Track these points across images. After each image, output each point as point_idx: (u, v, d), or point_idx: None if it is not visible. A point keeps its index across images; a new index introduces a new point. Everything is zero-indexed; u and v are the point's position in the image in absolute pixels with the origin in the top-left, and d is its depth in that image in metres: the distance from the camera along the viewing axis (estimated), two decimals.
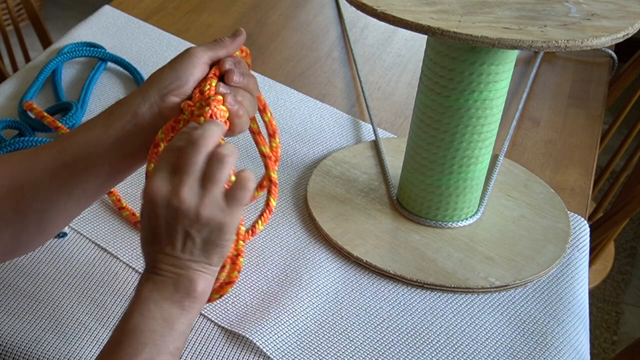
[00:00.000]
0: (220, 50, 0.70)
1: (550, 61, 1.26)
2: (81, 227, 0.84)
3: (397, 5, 0.72)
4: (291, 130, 1.02)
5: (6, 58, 2.21)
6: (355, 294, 0.80)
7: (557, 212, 0.91)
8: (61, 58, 1.08)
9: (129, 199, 0.86)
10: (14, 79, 1.06)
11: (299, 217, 0.89)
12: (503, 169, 0.97)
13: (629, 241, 2.13)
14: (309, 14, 1.34)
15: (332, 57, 1.21)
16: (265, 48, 1.21)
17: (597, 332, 1.86)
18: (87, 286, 0.77)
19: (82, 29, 1.19)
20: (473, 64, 0.76)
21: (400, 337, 0.76)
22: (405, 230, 0.87)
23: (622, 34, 0.70)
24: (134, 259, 0.81)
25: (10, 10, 1.50)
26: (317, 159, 0.98)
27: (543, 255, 0.85)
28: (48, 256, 0.80)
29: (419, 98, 0.83)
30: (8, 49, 1.54)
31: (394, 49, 1.25)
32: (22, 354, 0.70)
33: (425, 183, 0.85)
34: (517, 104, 1.12)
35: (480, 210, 0.89)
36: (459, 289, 0.81)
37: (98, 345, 0.72)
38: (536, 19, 0.71)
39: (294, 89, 1.11)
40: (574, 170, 1.01)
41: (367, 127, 1.04)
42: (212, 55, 0.69)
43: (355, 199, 0.90)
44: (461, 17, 0.71)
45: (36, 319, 0.74)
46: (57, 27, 2.68)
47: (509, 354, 0.75)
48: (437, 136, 0.82)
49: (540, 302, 0.81)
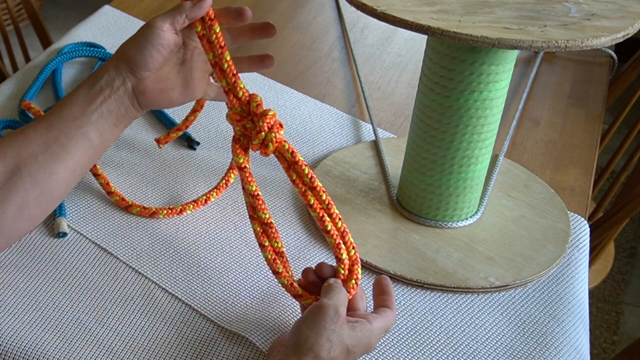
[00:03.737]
0: (179, 15, 0.71)
1: (550, 61, 1.26)
2: (81, 227, 0.84)
3: (397, 5, 0.72)
4: (291, 130, 1.02)
5: (6, 58, 2.21)
6: None
7: (557, 212, 0.91)
8: (61, 58, 1.08)
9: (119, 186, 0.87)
10: (14, 79, 1.06)
11: (299, 217, 0.88)
12: (503, 169, 0.97)
13: (629, 241, 2.13)
14: (309, 14, 1.34)
15: (332, 57, 1.21)
16: (265, 48, 1.21)
17: (597, 332, 1.86)
18: (87, 286, 0.77)
19: (82, 29, 1.19)
20: (473, 64, 0.76)
21: (400, 337, 0.76)
22: (405, 230, 0.87)
23: (622, 34, 0.70)
24: (134, 259, 0.81)
25: (10, 10, 1.50)
26: (317, 159, 0.98)
27: (543, 255, 0.85)
28: (48, 256, 0.80)
29: (419, 98, 0.83)
30: (8, 49, 1.54)
31: (394, 49, 1.25)
32: (22, 354, 0.70)
33: (425, 183, 0.85)
34: (517, 104, 1.12)
35: (480, 210, 0.89)
36: (459, 289, 0.81)
37: (98, 345, 0.72)
38: (536, 19, 0.71)
39: (294, 89, 1.11)
40: (574, 170, 1.01)
41: (367, 127, 1.04)
42: (172, 21, 0.71)
43: (355, 199, 0.90)
44: (461, 17, 0.71)
45: (36, 319, 0.74)
46: (57, 27, 2.68)
47: (509, 354, 0.75)
48: (437, 136, 0.82)
49: (540, 302, 0.81)
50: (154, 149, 0.96)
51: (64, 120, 0.70)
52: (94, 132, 0.71)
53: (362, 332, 0.65)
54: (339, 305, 0.65)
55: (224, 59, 0.72)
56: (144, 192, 0.89)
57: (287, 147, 0.70)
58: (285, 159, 0.70)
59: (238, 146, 0.72)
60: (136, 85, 0.72)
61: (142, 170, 0.92)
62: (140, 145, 0.96)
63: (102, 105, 0.71)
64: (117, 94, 0.71)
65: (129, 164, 0.93)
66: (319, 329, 0.63)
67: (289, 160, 0.70)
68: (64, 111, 0.70)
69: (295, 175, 0.70)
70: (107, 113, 0.71)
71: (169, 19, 0.71)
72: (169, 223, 0.85)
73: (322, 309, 0.64)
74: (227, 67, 0.72)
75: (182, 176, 0.92)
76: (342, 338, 0.63)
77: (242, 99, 0.72)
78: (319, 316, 0.64)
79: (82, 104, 0.71)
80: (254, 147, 0.71)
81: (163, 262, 0.81)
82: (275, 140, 0.70)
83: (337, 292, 0.67)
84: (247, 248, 0.83)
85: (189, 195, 0.89)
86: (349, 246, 0.71)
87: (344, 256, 0.71)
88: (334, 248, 0.70)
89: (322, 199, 0.70)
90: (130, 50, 0.71)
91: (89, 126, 0.70)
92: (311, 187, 0.70)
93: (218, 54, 0.72)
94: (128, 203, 0.86)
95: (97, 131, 0.71)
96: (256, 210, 0.71)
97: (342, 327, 0.64)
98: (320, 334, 0.63)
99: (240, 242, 0.84)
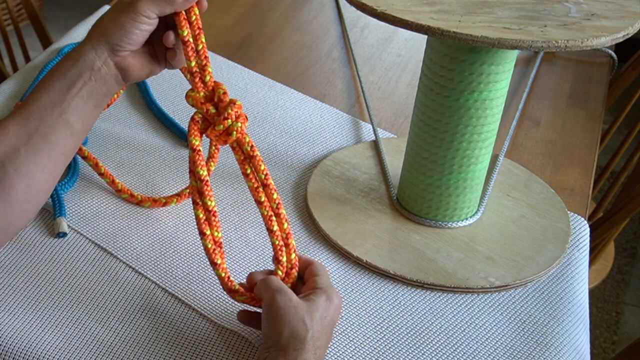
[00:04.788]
0: (168, 7, 0.69)
1: (550, 61, 1.26)
2: (81, 227, 0.84)
3: (397, 5, 0.72)
4: (291, 130, 1.02)
5: (6, 58, 2.21)
6: (355, 294, 0.80)
7: (557, 212, 0.91)
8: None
9: None
10: (14, 79, 1.06)
11: (299, 217, 0.88)
12: (503, 169, 0.97)
13: (629, 241, 2.13)
14: (309, 14, 1.34)
15: (332, 57, 1.21)
16: (265, 48, 1.21)
17: (597, 332, 1.86)
18: (87, 286, 0.77)
19: (82, 29, 1.19)
20: (473, 64, 0.76)
21: (400, 337, 0.76)
22: (405, 230, 0.87)
23: (622, 34, 0.70)
24: (134, 259, 0.81)
25: (10, 10, 1.50)
26: (317, 159, 0.98)
27: (543, 255, 0.85)
28: (48, 256, 0.80)
29: (419, 98, 0.83)
30: (8, 49, 1.54)
31: (394, 49, 1.25)
32: (22, 354, 0.70)
33: (425, 183, 0.85)
34: (517, 104, 1.12)
35: (480, 210, 0.89)
36: (459, 289, 0.81)
37: (98, 345, 0.72)
38: (536, 19, 0.71)
39: (294, 89, 1.11)
40: (574, 170, 1.01)
41: (367, 127, 1.04)
42: (160, 11, 0.69)
43: (355, 199, 0.90)
44: (461, 17, 0.71)
45: (36, 319, 0.74)
46: (57, 27, 2.68)
47: (509, 354, 0.75)
48: (437, 136, 0.82)
49: (540, 302, 0.81)
50: (154, 149, 0.96)
51: (43, 109, 0.68)
52: (75, 118, 0.69)
53: (317, 297, 0.67)
54: (281, 288, 0.67)
55: (200, 40, 0.71)
56: (144, 192, 0.89)
57: (248, 140, 0.70)
58: (243, 152, 0.70)
59: (196, 128, 0.71)
60: (118, 63, 0.70)
61: (142, 170, 0.92)
62: (141, 145, 0.96)
63: (82, 89, 0.69)
64: (99, 75, 0.70)
65: (129, 164, 0.93)
66: (284, 318, 0.64)
67: (246, 154, 0.70)
68: (41, 99, 0.68)
69: (250, 169, 0.70)
70: (88, 95, 0.69)
71: (157, 8, 0.69)
72: (169, 223, 0.85)
73: (272, 301, 0.66)
74: (202, 47, 0.71)
75: (182, 176, 0.92)
76: (308, 310, 0.65)
77: (208, 84, 0.71)
78: (274, 307, 0.65)
79: (60, 90, 0.68)
80: (214, 132, 0.70)
81: (163, 262, 0.81)
82: (239, 131, 0.69)
83: (271, 281, 0.68)
84: (247, 248, 0.83)
85: None
86: (291, 249, 0.71)
87: (284, 259, 0.71)
88: (275, 249, 0.71)
89: (272, 197, 0.70)
90: (114, 32, 0.69)
91: (70, 112, 0.68)
92: (264, 184, 0.70)
93: (195, 34, 0.71)
94: (138, 199, 0.86)
95: (77, 115, 0.69)
96: (202, 196, 0.70)
97: (299, 303, 0.65)
98: (289, 321, 0.64)
99: (241, 242, 0.84)
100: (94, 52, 0.70)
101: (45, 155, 0.68)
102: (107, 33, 0.69)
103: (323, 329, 0.66)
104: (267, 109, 1.06)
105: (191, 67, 0.71)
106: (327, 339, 0.67)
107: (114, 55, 0.70)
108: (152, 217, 0.86)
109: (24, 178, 0.67)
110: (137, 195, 0.86)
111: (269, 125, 1.03)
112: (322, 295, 0.67)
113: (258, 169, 0.70)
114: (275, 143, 1.00)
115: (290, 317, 0.65)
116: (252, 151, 0.70)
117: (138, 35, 0.69)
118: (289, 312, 0.65)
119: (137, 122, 1.00)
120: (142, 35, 0.70)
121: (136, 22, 0.69)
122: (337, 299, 0.69)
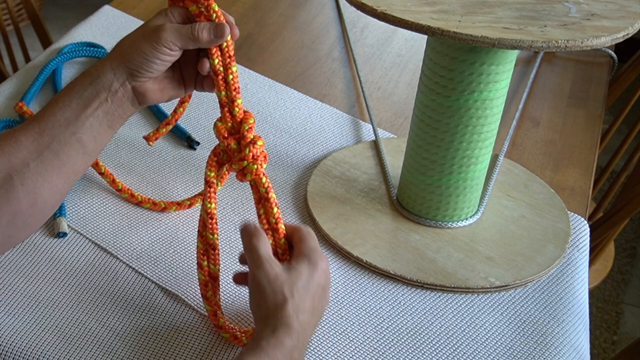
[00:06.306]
0: (192, 43, 0.68)
1: (550, 61, 1.26)
2: (81, 227, 0.84)
3: (397, 5, 0.72)
4: (291, 130, 1.02)
5: (6, 58, 2.21)
6: (355, 294, 0.80)
7: (557, 212, 0.91)
8: (61, 58, 1.08)
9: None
10: (14, 79, 1.06)
11: (299, 217, 0.88)
12: (503, 169, 0.97)
13: (629, 241, 2.13)
14: (309, 14, 1.34)
15: (332, 57, 1.21)
16: (265, 48, 1.21)
17: (597, 332, 1.86)
18: (87, 286, 0.77)
19: (82, 29, 1.19)
20: (473, 64, 0.76)
21: (400, 337, 0.76)
22: (405, 230, 0.87)
23: (622, 34, 0.70)
24: (134, 259, 0.81)
25: (10, 10, 1.50)
26: (317, 159, 0.98)
27: (543, 255, 0.85)
28: (48, 256, 0.80)
29: (419, 98, 0.83)
30: (8, 49, 1.54)
31: (394, 49, 1.25)
32: (22, 354, 0.70)
33: (425, 183, 0.85)
34: (517, 104, 1.12)
35: (480, 210, 0.89)
36: (459, 289, 0.81)
37: (98, 345, 0.72)
38: (536, 19, 0.71)
39: (294, 89, 1.11)
40: (574, 170, 1.01)
41: (367, 127, 1.04)
42: (182, 46, 0.68)
43: (355, 199, 0.90)
44: (461, 17, 0.71)
45: (36, 319, 0.74)
46: (57, 27, 2.68)
47: (509, 354, 0.75)
48: (437, 136, 0.82)
49: (540, 302, 0.81)
50: (155, 149, 0.96)
51: (57, 126, 0.67)
52: (88, 137, 0.68)
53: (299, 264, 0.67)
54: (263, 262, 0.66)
55: (231, 70, 0.69)
56: (144, 192, 0.89)
57: (264, 182, 0.69)
58: (258, 192, 0.69)
59: (215, 160, 0.70)
60: (135, 87, 0.69)
61: (142, 170, 0.92)
62: (140, 145, 0.96)
63: (98, 109, 0.68)
64: (116, 97, 0.68)
65: (129, 164, 0.93)
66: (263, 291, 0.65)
67: (261, 195, 0.69)
68: (56, 115, 0.67)
69: (262, 211, 0.69)
70: (103, 115, 0.68)
71: (180, 42, 0.68)
72: (169, 223, 0.85)
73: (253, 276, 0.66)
74: (232, 78, 0.69)
75: (182, 176, 0.92)
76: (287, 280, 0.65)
77: (236, 117, 0.70)
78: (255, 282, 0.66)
79: (76, 107, 0.67)
80: (231, 169, 0.69)
81: (163, 262, 0.81)
82: (255, 172, 0.68)
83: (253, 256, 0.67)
84: None
85: (189, 195, 0.89)
86: None
87: None
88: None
89: (280, 243, 0.70)
90: (134, 58, 0.68)
91: (83, 131, 0.67)
92: (273, 229, 0.70)
93: (226, 63, 0.69)
94: (138, 199, 0.86)
95: (91, 135, 0.68)
96: (206, 229, 0.71)
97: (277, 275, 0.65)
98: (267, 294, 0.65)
99: (240, 242, 0.84)
100: (112, 73, 0.68)
101: (54, 172, 0.67)
102: (127, 57, 0.68)
103: (307, 295, 0.65)
104: (267, 109, 1.06)
105: (221, 98, 0.69)
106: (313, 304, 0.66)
107: (132, 79, 0.69)
108: (152, 217, 0.86)
109: (30, 193, 0.66)
110: (137, 196, 0.86)
111: (269, 125, 1.03)
112: (303, 262, 0.67)
113: (269, 212, 0.69)
114: (275, 143, 1.00)
115: (269, 290, 0.65)
116: (267, 193, 0.69)
117: (158, 64, 0.68)
118: (268, 286, 0.65)
119: (137, 122, 1.00)
120: (162, 65, 0.69)
121: (157, 52, 0.67)
122: (322, 262, 0.68)
